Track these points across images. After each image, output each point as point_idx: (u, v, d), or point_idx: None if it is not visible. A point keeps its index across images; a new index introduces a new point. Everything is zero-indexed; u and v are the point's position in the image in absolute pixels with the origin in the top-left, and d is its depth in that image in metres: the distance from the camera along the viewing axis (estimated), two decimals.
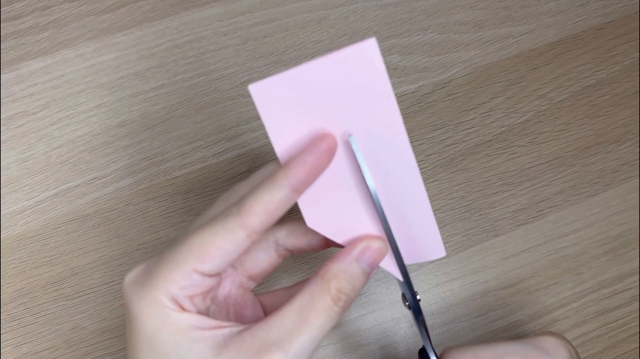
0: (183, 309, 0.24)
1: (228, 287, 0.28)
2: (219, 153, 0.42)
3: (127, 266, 0.39)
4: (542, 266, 0.41)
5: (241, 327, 0.24)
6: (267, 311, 0.29)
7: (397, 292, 0.40)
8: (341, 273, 0.24)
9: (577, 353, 0.30)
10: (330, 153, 0.24)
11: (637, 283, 0.40)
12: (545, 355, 0.29)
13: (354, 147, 0.24)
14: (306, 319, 0.23)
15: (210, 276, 0.24)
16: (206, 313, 0.25)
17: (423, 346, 0.30)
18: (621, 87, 0.44)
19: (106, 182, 0.41)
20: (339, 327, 0.39)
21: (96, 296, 0.39)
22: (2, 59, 0.43)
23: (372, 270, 0.25)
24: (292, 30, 0.44)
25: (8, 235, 0.40)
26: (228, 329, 0.24)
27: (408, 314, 0.39)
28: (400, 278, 0.27)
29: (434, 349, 0.29)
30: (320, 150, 0.23)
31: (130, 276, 0.25)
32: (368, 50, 0.22)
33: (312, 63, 0.22)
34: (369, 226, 0.26)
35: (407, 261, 0.27)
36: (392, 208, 0.26)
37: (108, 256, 0.39)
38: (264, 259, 0.28)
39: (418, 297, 0.29)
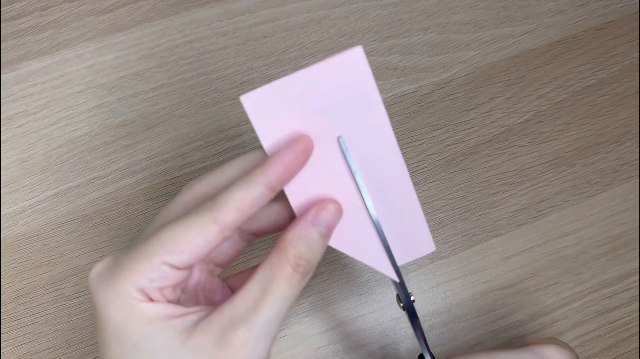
0: (151, 300, 0.23)
1: (197, 276, 0.28)
2: (219, 153, 0.42)
3: None
4: (542, 266, 0.41)
5: (210, 310, 0.24)
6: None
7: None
8: (297, 239, 0.24)
9: None
10: (307, 154, 0.24)
11: (637, 283, 0.40)
12: None
13: (344, 148, 0.24)
14: (268, 290, 0.23)
15: (180, 269, 0.24)
16: (176, 302, 0.25)
17: (421, 353, 0.30)
18: (621, 87, 0.44)
19: (106, 182, 0.41)
20: (339, 327, 0.39)
21: None
22: (2, 58, 0.43)
23: (329, 232, 0.25)
24: (292, 30, 0.44)
25: (8, 235, 0.40)
26: (197, 314, 0.24)
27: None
28: (396, 279, 0.27)
29: (430, 352, 0.29)
30: (296, 150, 0.24)
31: (96, 269, 0.25)
32: (355, 58, 0.23)
33: (301, 73, 0.23)
34: (361, 222, 0.26)
35: (399, 260, 0.27)
36: (381, 207, 0.26)
37: (108, 256, 0.39)
38: (229, 246, 0.28)
39: (412, 298, 0.28)
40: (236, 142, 0.42)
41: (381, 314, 0.39)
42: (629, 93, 0.44)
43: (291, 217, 0.27)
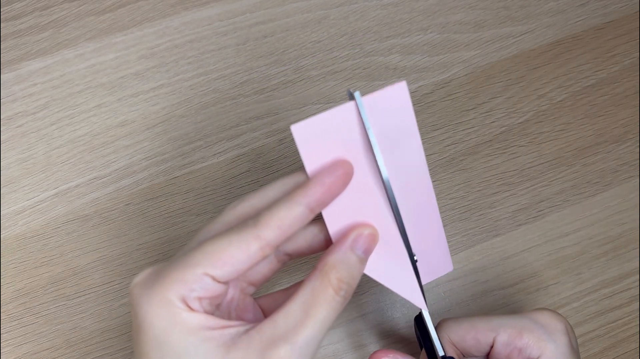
0: (192, 309, 0.24)
1: (230, 293, 0.28)
2: (219, 153, 0.42)
3: (127, 266, 0.39)
4: (542, 266, 0.41)
5: (248, 326, 0.24)
6: (266, 314, 0.30)
7: None
8: (339, 263, 0.25)
9: (572, 329, 0.30)
10: (347, 178, 0.25)
11: (637, 283, 0.40)
12: (541, 328, 0.29)
13: (380, 163, 0.26)
14: (310, 311, 0.24)
15: (220, 282, 0.24)
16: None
17: (420, 312, 0.30)
18: (621, 87, 0.44)
19: (106, 182, 0.41)
20: (339, 327, 0.39)
21: (96, 296, 0.39)
22: (2, 58, 0.43)
23: (367, 256, 0.26)
24: (292, 30, 0.44)
25: (8, 235, 0.40)
26: (235, 328, 0.24)
27: (408, 314, 0.39)
28: (425, 308, 0.29)
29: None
30: (337, 174, 0.25)
31: (138, 278, 0.25)
32: (399, 92, 0.25)
33: (347, 105, 0.25)
34: (393, 251, 0.28)
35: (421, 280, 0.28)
36: (409, 230, 0.27)
37: (108, 256, 0.39)
38: (264, 265, 0.29)
39: (416, 258, 0.28)
40: (236, 142, 0.42)
41: (381, 314, 0.39)
42: (629, 93, 0.44)
43: (326, 241, 0.28)
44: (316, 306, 0.24)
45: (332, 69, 0.43)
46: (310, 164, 0.25)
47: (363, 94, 0.25)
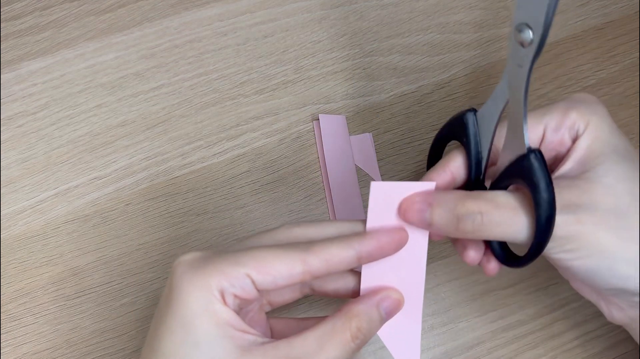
0: (225, 303, 0.25)
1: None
2: (219, 153, 0.42)
3: (127, 266, 0.39)
4: (542, 266, 0.40)
5: (265, 339, 0.26)
6: (274, 334, 0.31)
7: None
8: (362, 314, 0.27)
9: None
10: (399, 245, 0.28)
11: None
12: (581, 103, 0.29)
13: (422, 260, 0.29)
14: (325, 346, 0.25)
15: (257, 289, 0.26)
16: None
17: (468, 110, 0.30)
18: (621, 87, 0.44)
19: (106, 182, 0.41)
20: None
21: (96, 296, 0.39)
22: (2, 58, 0.43)
23: (388, 318, 0.28)
24: (292, 30, 0.44)
25: (8, 235, 0.40)
26: (254, 337, 0.26)
27: None
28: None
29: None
30: (394, 237, 0.27)
31: (185, 257, 0.26)
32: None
33: (429, 184, 0.28)
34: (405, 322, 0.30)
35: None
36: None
37: (108, 256, 0.39)
38: (288, 292, 0.31)
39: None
40: (236, 142, 0.42)
41: None
42: (629, 93, 0.44)
43: (353, 292, 0.30)
44: (332, 344, 0.25)
45: (332, 69, 0.43)
46: (372, 220, 0.28)
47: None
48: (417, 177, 0.41)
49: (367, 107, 0.43)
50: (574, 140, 0.28)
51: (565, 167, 0.28)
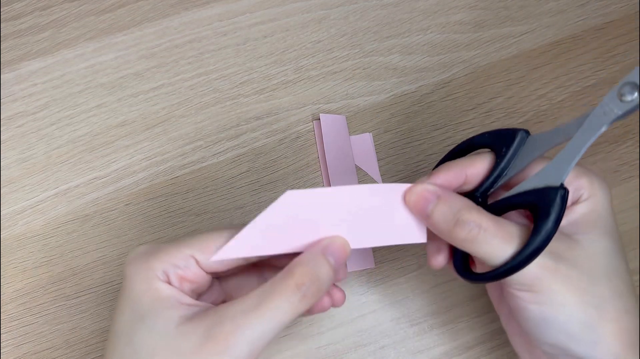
0: (170, 284, 0.26)
1: (214, 296, 0.30)
2: (219, 153, 0.42)
3: None
4: None
5: (209, 305, 0.27)
6: None
7: (397, 292, 0.40)
8: (305, 261, 0.26)
9: None
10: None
11: (638, 283, 0.40)
12: (595, 176, 0.30)
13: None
14: (264, 300, 0.25)
15: (204, 270, 0.27)
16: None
17: (521, 132, 0.30)
18: None
19: (106, 182, 0.41)
20: (339, 327, 0.39)
21: (96, 296, 0.39)
22: (2, 58, 0.43)
23: (337, 264, 0.27)
24: (292, 30, 0.44)
25: (8, 235, 0.40)
26: (199, 308, 0.26)
27: (408, 314, 0.39)
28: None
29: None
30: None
31: (137, 249, 0.28)
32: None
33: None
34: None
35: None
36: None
37: (108, 256, 0.39)
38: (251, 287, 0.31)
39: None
40: (236, 142, 0.42)
41: (381, 314, 0.39)
42: None
43: None
44: (271, 296, 0.25)
45: (332, 69, 0.43)
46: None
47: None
48: (418, 176, 0.41)
49: (367, 107, 0.43)
50: (574, 201, 0.30)
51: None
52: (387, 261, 0.40)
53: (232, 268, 0.28)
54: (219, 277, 0.31)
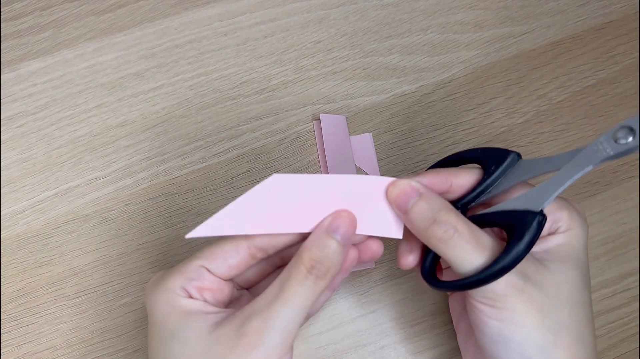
0: (191, 297, 0.27)
1: (236, 294, 0.31)
2: (219, 153, 0.42)
3: (127, 266, 0.39)
4: None
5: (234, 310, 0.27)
6: None
7: (397, 292, 0.40)
8: (311, 244, 0.27)
9: None
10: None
11: (637, 283, 0.40)
12: (575, 212, 0.31)
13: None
14: (282, 289, 0.26)
15: (218, 276, 0.28)
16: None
17: (513, 154, 0.30)
18: (621, 87, 0.44)
19: (106, 182, 0.41)
20: (339, 327, 0.39)
21: (96, 296, 0.39)
22: (2, 58, 0.43)
23: (344, 239, 0.27)
24: (292, 30, 0.44)
25: (8, 235, 0.40)
26: (226, 313, 0.27)
27: (408, 314, 0.39)
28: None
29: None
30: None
31: (152, 278, 0.29)
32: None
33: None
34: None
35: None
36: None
37: (108, 256, 0.39)
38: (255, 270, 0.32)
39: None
40: (236, 142, 0.42)
41: (381, 314, 0.39)
42: (629, 93, 0.44)
43: None
44: (288, 283, 0.26)
45: (332, 69, 0.43)
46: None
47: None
48: None
49: (367, 107, 0.43)
50: (552, 232, 0.30)
51: (534, 248, 0.30)
52: (387, 261, 0.40)
53: (243, 271, 0.29)
54: (248, 287, 0.32)
